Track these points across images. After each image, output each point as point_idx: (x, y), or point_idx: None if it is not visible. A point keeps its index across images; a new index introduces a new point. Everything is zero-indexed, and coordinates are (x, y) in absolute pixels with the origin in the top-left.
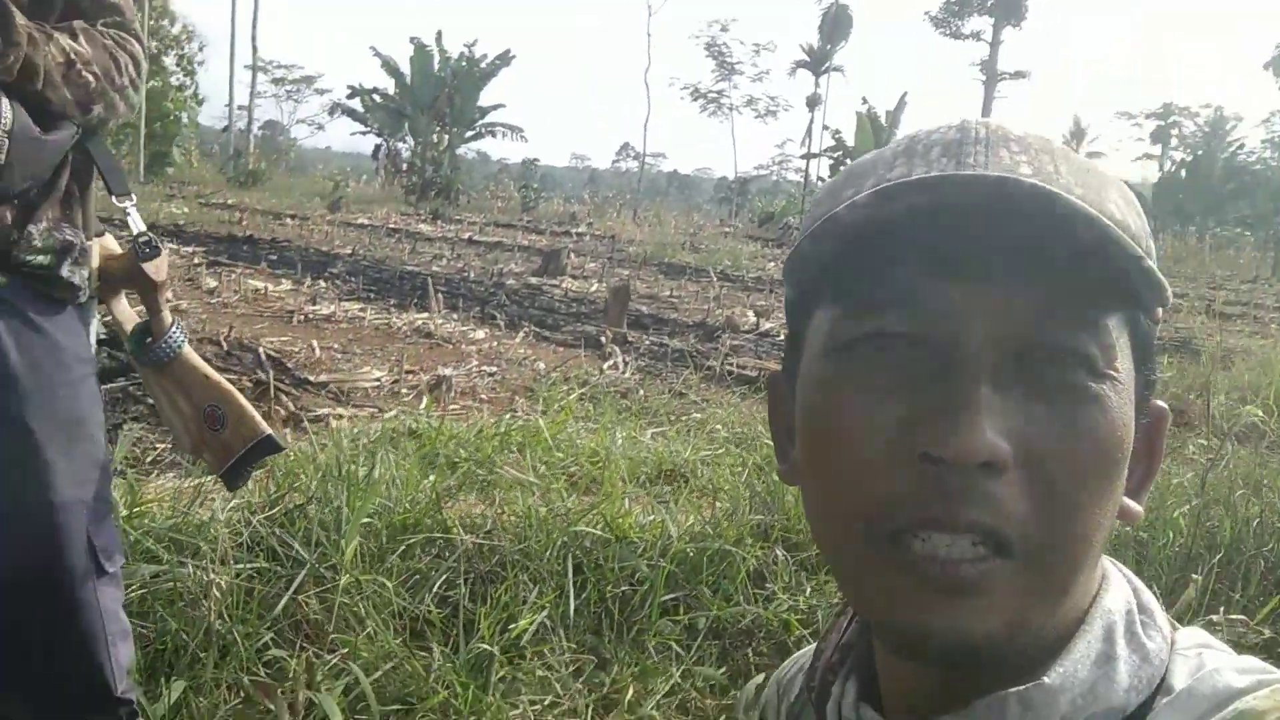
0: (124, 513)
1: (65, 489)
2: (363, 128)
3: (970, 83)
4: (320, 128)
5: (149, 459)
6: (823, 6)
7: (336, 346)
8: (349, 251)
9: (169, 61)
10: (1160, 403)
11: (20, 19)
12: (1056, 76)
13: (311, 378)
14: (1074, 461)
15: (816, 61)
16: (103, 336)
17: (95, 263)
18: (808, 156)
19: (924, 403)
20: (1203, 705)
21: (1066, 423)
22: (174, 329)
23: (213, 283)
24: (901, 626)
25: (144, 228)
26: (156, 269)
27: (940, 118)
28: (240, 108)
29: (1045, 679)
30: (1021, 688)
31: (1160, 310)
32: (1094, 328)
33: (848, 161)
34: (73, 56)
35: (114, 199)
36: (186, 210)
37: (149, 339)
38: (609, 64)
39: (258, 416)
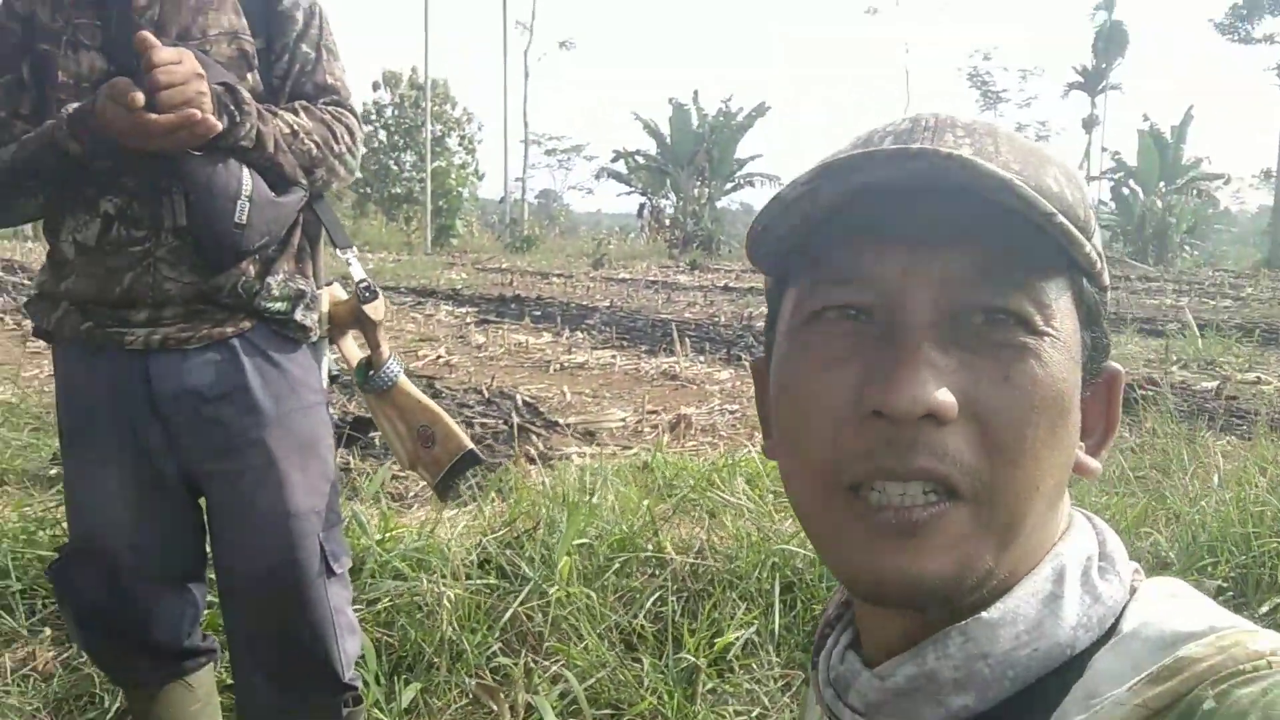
0: (378, 537)
1: (300, 500)
2: (627, 188)
3: (1266, 89)
4: (590, 192)
5: (410, 494)
6: (1095, 25)
7: (587, 391)
8: (606, 304)
9: (452, 142)
10: (1114, 364)
11: (248, 96)
12: None
13: (561, 420)
14: (1013, 410)
15: (1091, 81)
16: (334, 373)
17: (325, 307)
18: (1087, 179)
19: (873, 365)
20: (1145, 648)
21: (1005, 375)
22: (391, 361)
23: (481, 338)
24: (860, 572)
25: (364, 275)
26: (375, 309)
27: (1232, 128)
28: (516, 180)
29: (984, 614)
30: (963, 622)
31: (1104, 275)
32: (1029, 288)
33: (1130, 183)
34: (295, 128)
35: (337, 252)
36: (464, 276)
37: (371, 371)
38: (868, 104)
39: (462, 434)
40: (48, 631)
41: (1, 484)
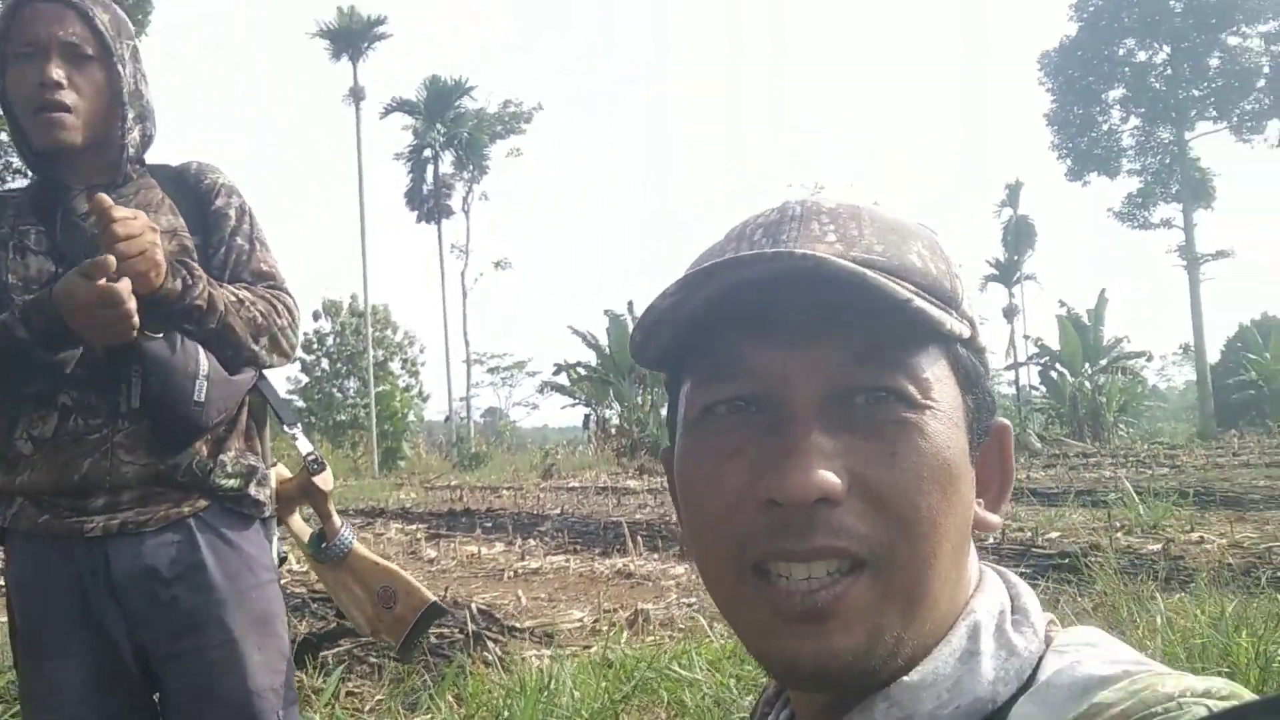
0: None
1: (259, 677)
2: (572, 400)
3: (1172, 269)
4: (535, 407)
5: (367, 708)
6: (1003, 221)
7: (543, 595)
8: (558, 512)
9: (394, 366)
10: (1002, 419)
11: (196, 265)
12: (1270, 248)
13: (518, 624)
14: (901, 482)
15: (1006, 273)
16: (282, 555)
17: (273, 484)
18: (1015, 367)
19: (764, 455)
20: (1060, 695)
21: (891, 452)
22: (344, 529)
23: (432, 553)
24: (773, 656)
25: (311, 448)
26: (324, 480)
27: (1144, 309)
28: (460, 399)
29: (905, 678)
30: (886, 689)
31: (977, 339)
32: (903, 366)
33: (1057, 367)
34: (241, 297)
35: (284, 428)
36: (414, 495)
37: (324, 543)
38: None
39: (423, 588)
40: None
41: None
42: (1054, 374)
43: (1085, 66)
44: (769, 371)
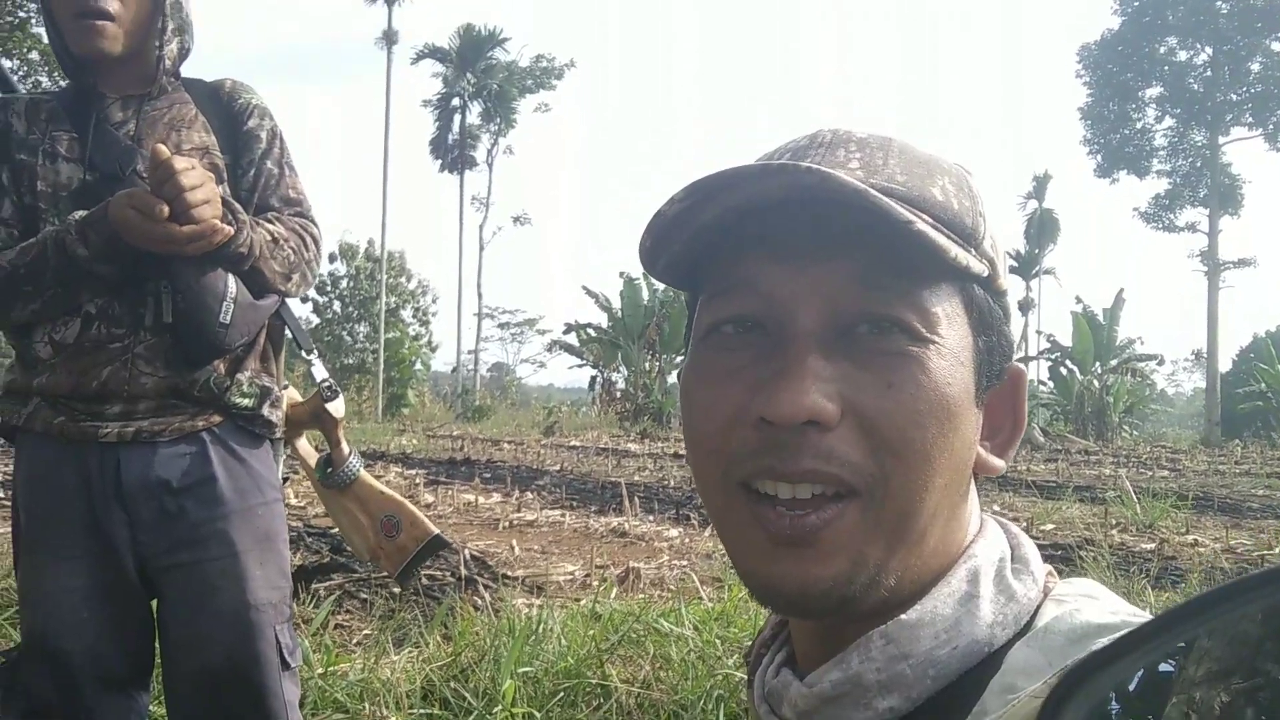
0: (320, 670)
1: (260, 592)
2: (579, 361)
3: (1191, 274)
4: (542, 365)
5: (354, 641)
6: (1027, 213)
7: (536, 548)
8: (557, 468)
9: (406, 314)
10: (1018, 365)
11: (239, 207)
12: None
13: (510, 573)
14: (895, 414)
15: (1025, 266)
16: (284, 476)
17: (285, 407)
18: (1024, 360)
19: (761, 375)
20: (1059, 640)
21: (888, 383)
22: (352, 457)
23: (430, 498)
24: (756, 576)
25: (326, 375)
26: (336, 408)
27: (1162, 310)
28: (469, 352)
29: (903, 616)
30: (884, 625)
31: (998, 280)
32: (909, 297)
33: (1067, 363)
34: (276, 235)
35: (302, 353)
36: (415, 442)
37: (330, 468)
38: None
39: (427, 520)
40: None
41: None
42: (1063, 370)
43: (1124, 62)
44: (775, 292)
